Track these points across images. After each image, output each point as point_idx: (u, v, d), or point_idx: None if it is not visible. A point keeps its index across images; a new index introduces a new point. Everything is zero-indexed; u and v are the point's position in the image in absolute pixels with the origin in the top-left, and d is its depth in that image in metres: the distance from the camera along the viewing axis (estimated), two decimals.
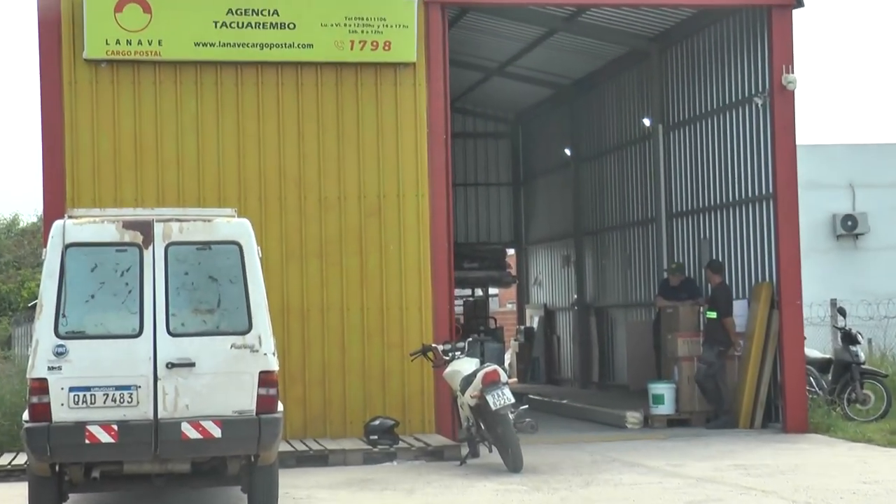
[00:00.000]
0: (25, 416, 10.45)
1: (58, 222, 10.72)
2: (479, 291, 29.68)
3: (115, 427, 10.24)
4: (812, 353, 18.21)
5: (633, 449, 15.55)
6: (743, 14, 18.03)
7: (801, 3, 16.96)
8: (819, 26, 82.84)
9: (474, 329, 25.78)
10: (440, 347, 15.08)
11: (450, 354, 14.89)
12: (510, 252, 30.41)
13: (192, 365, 10.42)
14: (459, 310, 27.72)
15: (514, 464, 13.69)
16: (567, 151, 26.39)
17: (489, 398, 13.64)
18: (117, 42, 15.46)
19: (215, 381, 10.46)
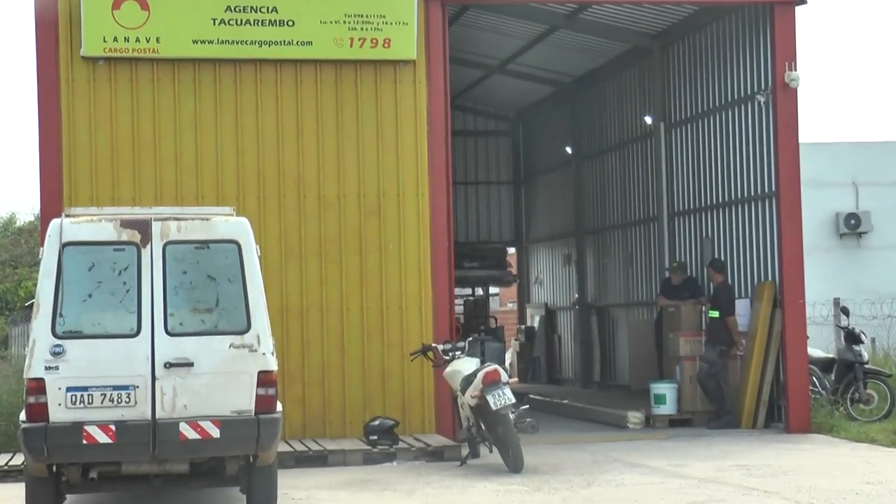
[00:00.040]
0: (22, 416, 10.42)
1: (55, 221, 10.68)
2: (479, 291, 29.62)
3: (113, 427, 10.22)
4: (815, 352, 18.14)
5: (635, 449, 15.50)
6: (745, 11, 17.96)
7: None
8: (822, 23, 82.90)
9: (475, 328, 25.74)
10: (440, 347, 15.02)
11: (450, 354, 14.83)
12: (511, 251, 30.38)
13: (191, 365, 10.39)
14: (460, 309, 27.68)
15: (514, 464, 13.63)
16: (568, 149, 26.33)
17: (490, 398, 13.58)
18: (115, 39, 15.39)
19: (214, 380, 10.43)
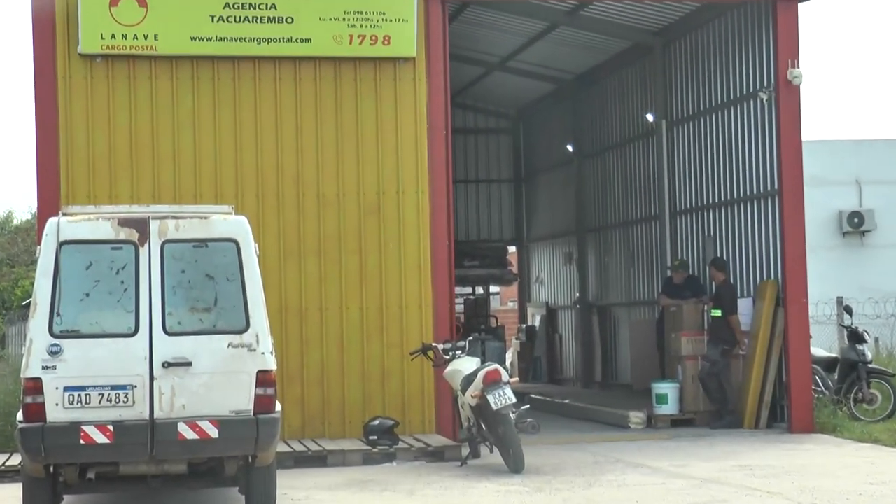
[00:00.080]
0: (19, 416, 10.39)
1: (52, 219, 10.65)
2: (479, 290, 29.57)
3: (111, 427, 10.19)
4: (818, 351, 18.09)
5: (637, 449, 15.45)
6: (748, 8, 17.89)
7: None
8: (825, 20, 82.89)
9: (475, 328, 25.67)
10: (440, 346, 14.96)
11: (450, 353, 14.78)
12: (511, 250, 30.34)
13: (189, 364, 10.36)
14: (460, 308, 27.56)
15: (515, 464, 13.57)
16: (569, 147, 26.27)
17: (490, 398, 13.52)
18: (112, 36, 15.33)
19: (212, 380, 10.40)
